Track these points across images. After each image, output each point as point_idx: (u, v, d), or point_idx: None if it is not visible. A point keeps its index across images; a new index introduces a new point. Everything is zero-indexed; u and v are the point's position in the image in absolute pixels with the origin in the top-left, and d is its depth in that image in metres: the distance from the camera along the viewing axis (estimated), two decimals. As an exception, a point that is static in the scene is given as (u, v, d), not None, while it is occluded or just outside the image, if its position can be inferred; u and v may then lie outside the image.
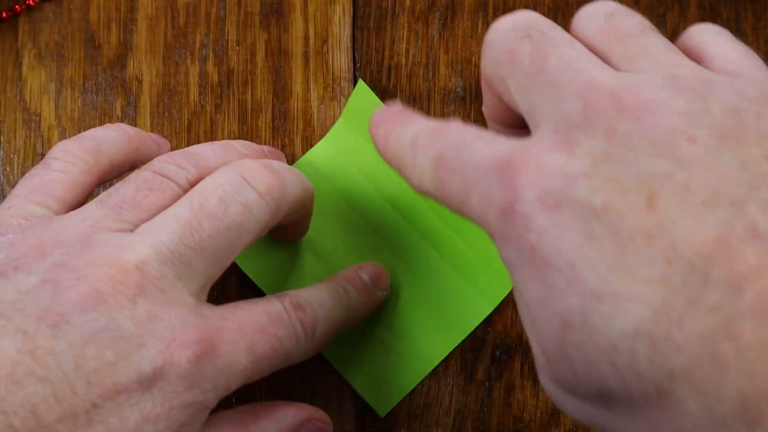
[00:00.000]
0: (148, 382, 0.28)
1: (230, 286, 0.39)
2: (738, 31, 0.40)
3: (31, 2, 0.40)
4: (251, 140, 0.40)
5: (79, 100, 0.40)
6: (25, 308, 0.27)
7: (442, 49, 0.40)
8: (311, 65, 0.40)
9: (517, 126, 0.30)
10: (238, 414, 0.32)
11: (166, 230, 0.30)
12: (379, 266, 0.37)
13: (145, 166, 0.32)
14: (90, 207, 0.31)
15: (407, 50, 0.40)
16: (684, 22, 0.40)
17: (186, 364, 0.28)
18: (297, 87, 0.40)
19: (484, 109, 0.31)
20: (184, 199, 0.31)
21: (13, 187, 0.39)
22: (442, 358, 0.38)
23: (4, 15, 0.40)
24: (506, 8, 0.40)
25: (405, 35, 0.40)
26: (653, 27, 0.28)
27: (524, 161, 0.24)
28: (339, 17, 0.40)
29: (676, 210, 0.22)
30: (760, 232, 0.22)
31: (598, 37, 0.27)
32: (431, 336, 0.38)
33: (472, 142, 0.27)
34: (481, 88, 0.39)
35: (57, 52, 0.40)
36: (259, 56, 0.40)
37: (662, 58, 0.26)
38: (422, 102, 0.40)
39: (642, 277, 0.22)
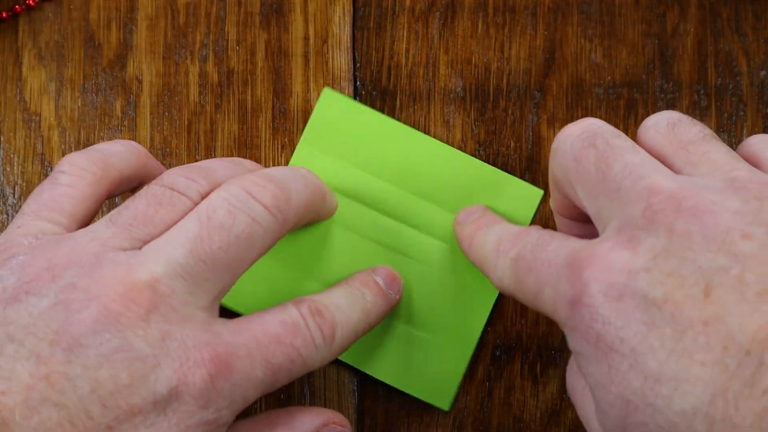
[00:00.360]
0: (164, 402, 0.28)
1: (230, 286, 0.39)
2: (738, 31, 0.40)
3: (31, 2, 0.40)
4: (251, 140, 0.40)
5: (79, 100, 0.40)
6: (38, 332, 0.27)
7: (442, 49, 0.40)
8: (311, 65, 0.40)
9: (583, 220, 0.33)
10: (255, 424, 0.32)
11: (176, 245, 0.30)
12: (390, 269, 0.38)
13: (155, 181, 0.32)
14: (100, 225, 0.30)
15: (407, 50, 0.40)
16: (684, 22, 0.40)
17: (201, 383, 0.28)
18: (297, 87, 0.40)
19: (551, 204, 0.34)
20: (192, 213, 0.30)
21: (13, 187, 0.39)
22: (479, 334, 0.38)
23: (4, 15, 0.40)
24: (506, 8, 0.40)
25: (405, 35, 0.40)
26: (714, 134, 0.30)
27: (590, 258, 0.27)
28: (339, 17, 0.40)
29: (732, 300, 0.25)
30: None
31: (663, 144, 0.30)
32: (460, 318, 0.38)
33: (547, 243, 0.29)
34: (479, 92, 0.39)
35: (57, 52, 0.40)
36: (259, 56, 0.40)
37: (721, 163, 0.28)
38: (422, 102, 0.40)
39: (700, 361, 0.25)
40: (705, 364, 0.24)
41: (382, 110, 0.40)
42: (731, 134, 0.40)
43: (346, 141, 0.38)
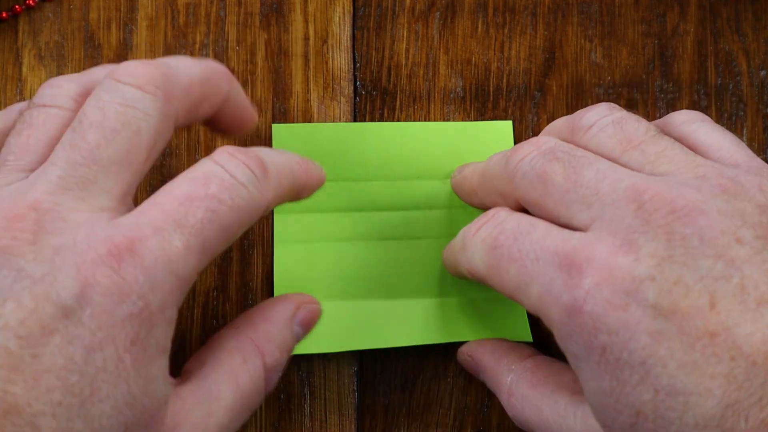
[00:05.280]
0: (76, 311, 0.26)
1: (229, 288, 0.39)
2: (738, 31, 0.40)
3: (31, 2, 0.40)
4: (251, 140, 0.40)
5: (79, 100, 0.40)
6: None
7: (442, 49, 0.40)
8: (311, 65, 0.40)
9: None
10: (237, 329, 0.32)
11: (54, 160, 0.28)
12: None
13: (26, 103, 0.31)
14: None
15: (407, 50, 0.40)
16: (684, 22, 0.40)
17: (104, 279, 0.26)
18: (297, 87, 0.40)
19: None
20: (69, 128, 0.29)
21: (13, 187, 0.39)
22: None
23: (4, 15, 0.40)
24: (506, 8, 0.40)
25: (405, 35, 0.40)
26: (659, 130, 0.30)
27: (589, 262, 0.26)
28: (339, 17, 0.40)
29: (736, 311, 0.25)
30: None
31: (612, 146, 0.30)
32: None
33: (528, 232, 0.29)
34: (479, 92, 0.39)
35: (57, 52, 0.40)
36: (259, 56, 0.40)
37: (680, 160, 0.28)
38: (422, 102, 0.40)
39: (709, 374, 0.25)
40: (714, 377, 0.25)
41: (382, 110, 0.40)
42: (731, 134, 0.40)
43: (316, 160, 0.38)
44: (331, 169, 0.39)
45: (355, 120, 0.40)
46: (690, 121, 0.31)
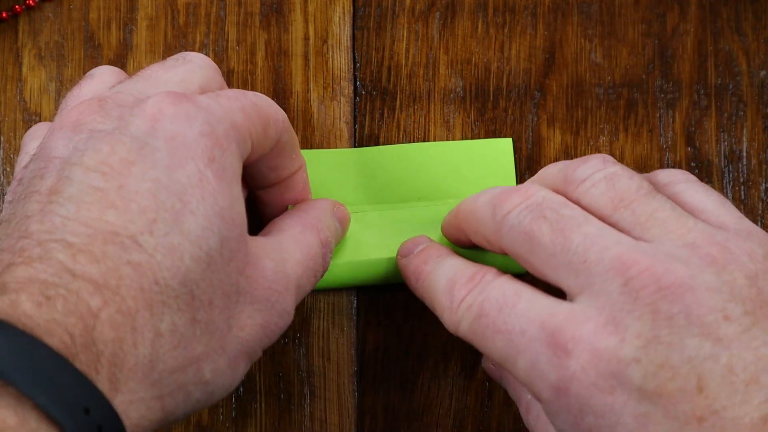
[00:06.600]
0: (149, 143, 0.28)
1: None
2: (738, 31, 0.40)
3: (31, 2, 0.40)
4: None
5: (79, 100, 0.40)
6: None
7: (442, 49, 0.40)
8: (311, 65, 0.40)
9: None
10: (290, 212, 0.34)
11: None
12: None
13: None
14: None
15: (407, 50, 0.40)
16: (684, 22, 0.40)
17: (170, 109, 0.29)
18: (297, 87, 0.40)
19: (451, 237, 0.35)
20: None
21: (13, 187, 0.39)
22: None
23: (4, 15, 0.40)
24: (506, 8, 0.40)
25: (405, 35, 0.40)
26: (651, 187, 0.29)
27: (575, 342, 0.26)
28: (339, 17, 0.40)
29: (724, 393, 0.25)
30: None
31: (603, 203, 0.29)
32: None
33: (513, 303, 0.28)
34: (479, 92, 0.39)
35: (57, 52, 0.40)
36: (259, 56, 0.40)
37: (672, 224, 0.28)
38: (422, 102, 0.40)
39: None
40: None
41: (382, 110, 0.40)
42: (731, 134, 0.40)
43: (317, 187, 0.38)
44: (331, 197, 0.38)
45: (355, 120, 0.40)
46: (675, 182, 0.31)
